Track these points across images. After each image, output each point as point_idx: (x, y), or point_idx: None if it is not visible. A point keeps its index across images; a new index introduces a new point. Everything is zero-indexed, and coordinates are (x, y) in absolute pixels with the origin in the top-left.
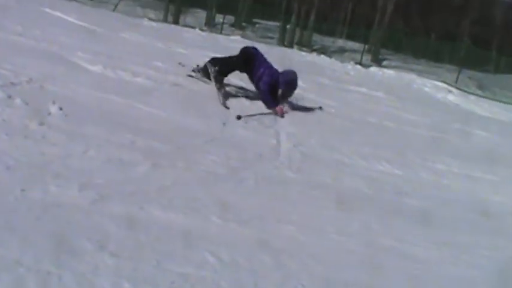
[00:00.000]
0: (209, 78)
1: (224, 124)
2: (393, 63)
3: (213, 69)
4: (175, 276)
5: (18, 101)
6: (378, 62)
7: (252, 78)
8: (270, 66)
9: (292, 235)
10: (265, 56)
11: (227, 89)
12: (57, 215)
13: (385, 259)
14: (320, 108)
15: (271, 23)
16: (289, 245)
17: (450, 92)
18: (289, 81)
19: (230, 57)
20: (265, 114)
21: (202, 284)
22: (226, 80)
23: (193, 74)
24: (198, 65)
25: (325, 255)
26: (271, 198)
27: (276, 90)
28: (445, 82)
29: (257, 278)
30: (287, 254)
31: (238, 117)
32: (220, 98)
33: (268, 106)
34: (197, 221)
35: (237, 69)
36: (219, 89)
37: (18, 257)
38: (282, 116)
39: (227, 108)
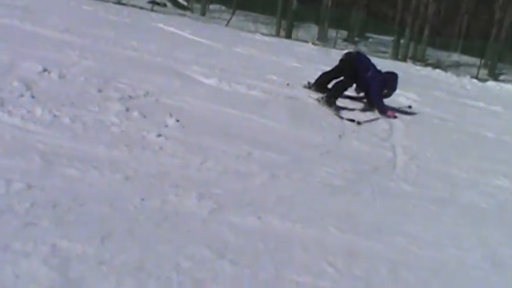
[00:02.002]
0: (321, 92)
1: (340, 136)
2: (511, 78)
3: (321, 98)
4: (293, 285)
5: (135, 113)
6: (494, 76)
7: (359, 82)
8: (375, 69)
9: (409, 248)
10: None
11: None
12: (177, 223)
13: (504, 276)
14: (410, 107)
15: (384, 37)
16: (405, 258)
17: None
18: (394, 82)
19: (337, 67)
20: (380, 118)
21: None
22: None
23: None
24: (309, 82)
25: (443, 269)
26: (388, 210)
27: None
28: None
29: None
30: (404, 266)
31: (358, 123)
32: (334, 111)
33: (381, 110)
34: (314, 231)
35: (345, 77)
36: (330, 107)
37: (140, 263)
38: (395, 117)
39: (342, 118)
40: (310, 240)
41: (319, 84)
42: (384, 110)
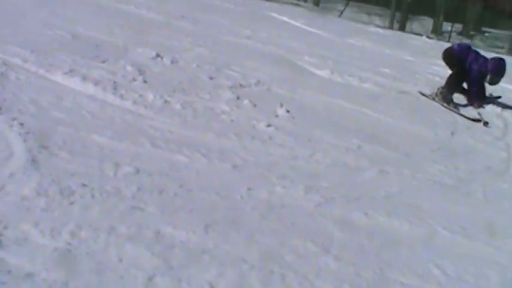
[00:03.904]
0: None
1: (452, 133)
2: None
3: (435, 94)
4: (398, 286)
5: (246, 102)
6: None
7: (465, 73)
8: (475, 56)
9: None
10: None
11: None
12: (282, 215)
13: None
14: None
15: (501, 32)
16: None
17: None
18: (497, 67)
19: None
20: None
21: None
22: None
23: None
24: (438, 88)
25: None
26: (500, 212)
27: (484, 77)
28: None
29: None
30: None
31: (486, 124)
32: (452, 108)
33: (472, 98)
34: (422, 231)
35: (453, 70)
36: (448, 104)
37: (243, 254)
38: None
39: (463, 116)
40: (417, 240)
41: None
42: (475, 99)
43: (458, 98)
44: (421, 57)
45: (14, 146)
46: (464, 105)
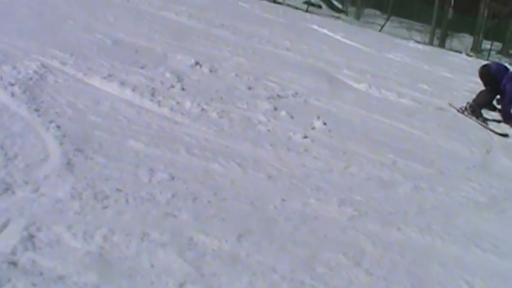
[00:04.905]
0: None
1: (488, 151)
2: None
3: (465, 108)
4: None
5: (283, 113)
6: None
7: (498, 93)
8: (511, 77)
9: None
10: None
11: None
12: (315, 227)
13: None
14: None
15: None
16: None
17: None
18: None
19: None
20: None
21: None
22: None
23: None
24: (468, 102)
25: None
26: None
27: None
28: None
29: None
30: None
31: None
32: (481, 122)
33: (507, 117)
34: (454, 248)
35: (486, 87)
36: (477, 118)
37: (274, 264)
38: None
39: (491, 130)
40: (449, 257)
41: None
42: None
43: (493, 115)
44: (459, 74)
45: (50, 148)
46: (498, 121)
